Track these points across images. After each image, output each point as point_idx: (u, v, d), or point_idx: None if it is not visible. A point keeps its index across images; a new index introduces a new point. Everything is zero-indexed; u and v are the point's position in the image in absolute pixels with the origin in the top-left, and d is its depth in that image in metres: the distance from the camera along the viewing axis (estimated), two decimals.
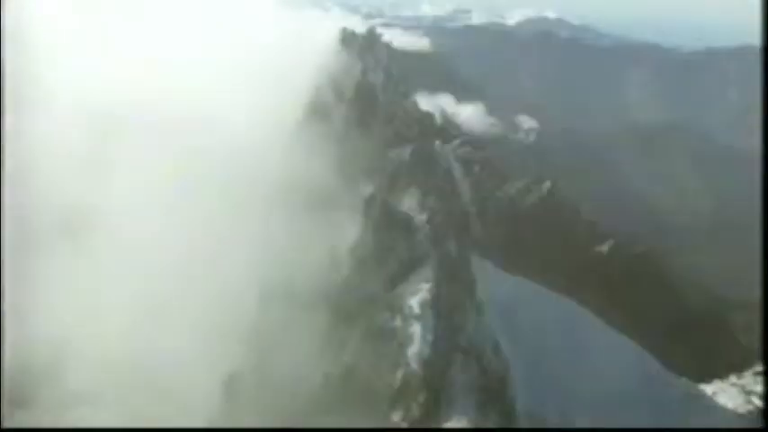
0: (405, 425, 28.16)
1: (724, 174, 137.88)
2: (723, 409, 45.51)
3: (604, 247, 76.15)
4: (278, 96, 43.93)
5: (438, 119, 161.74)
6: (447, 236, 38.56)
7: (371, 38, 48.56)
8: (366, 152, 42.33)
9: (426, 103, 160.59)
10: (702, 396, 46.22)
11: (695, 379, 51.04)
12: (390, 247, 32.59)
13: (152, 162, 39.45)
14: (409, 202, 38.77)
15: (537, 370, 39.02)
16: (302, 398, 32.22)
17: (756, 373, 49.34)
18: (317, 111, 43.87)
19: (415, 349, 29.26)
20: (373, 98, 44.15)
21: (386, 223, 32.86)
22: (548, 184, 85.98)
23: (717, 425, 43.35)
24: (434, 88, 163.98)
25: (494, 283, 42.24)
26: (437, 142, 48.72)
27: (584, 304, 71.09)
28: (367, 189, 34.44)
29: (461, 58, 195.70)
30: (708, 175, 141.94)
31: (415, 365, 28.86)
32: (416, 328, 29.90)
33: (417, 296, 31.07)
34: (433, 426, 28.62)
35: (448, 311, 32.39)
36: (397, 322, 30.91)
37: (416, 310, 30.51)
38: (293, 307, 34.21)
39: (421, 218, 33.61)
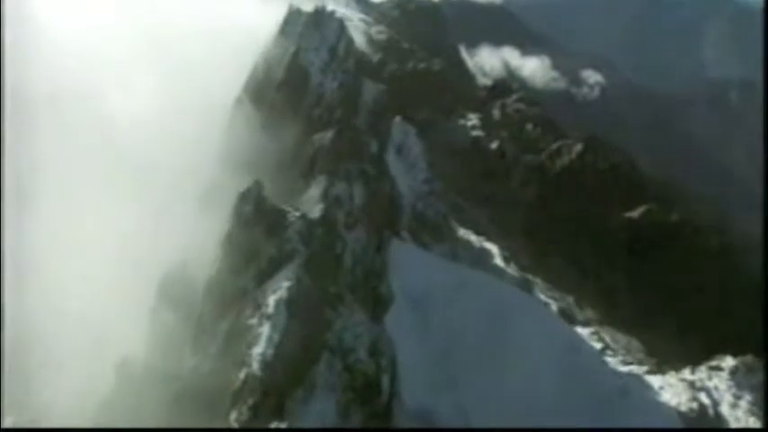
0: (236, 425, 28.55)
1: None
2: (664, 407, 43.70)
3: (635, 213, 73.54)
4: (210, 81, 44.06)
5: (502, 72, 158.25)
6: (352, 227, 38.31)
7: (318, 15, 47.71)
8: (289, 138, 42.20)
9: (490, 56, 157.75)
10: (644, 391, 44.49)
11: (659, 370, 49.21)
12: (259, 243, 32.56)
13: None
14: (313, 192, 38.59)
15: (445, 368, 38.46)
16: (173, 389, 33.12)
17: (711, 368, 47.08)
18: (249, 96, 43.82)
19: (259, 350, 29.36)
20: (304, 81, 43.61)
21: (256, 218, 32.78)
22: (579, 146, 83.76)
23: (648, 424, 41.75)
24: (500, 41, 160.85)
25: (419, 274, 41.64)
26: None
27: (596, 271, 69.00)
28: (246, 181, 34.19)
29: (530, 10, 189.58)
30: None
31: (255, 366, 28.97)
32: (265, 328, 29.95)
33: (275, 295, 31.06)
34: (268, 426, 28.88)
35: (312, 310, 32.26)
36: (254, 321, 31.07)
37: (270, 309, 30.53)
38: (171, 299, 35.06)
39: (294, 213, 33.25)
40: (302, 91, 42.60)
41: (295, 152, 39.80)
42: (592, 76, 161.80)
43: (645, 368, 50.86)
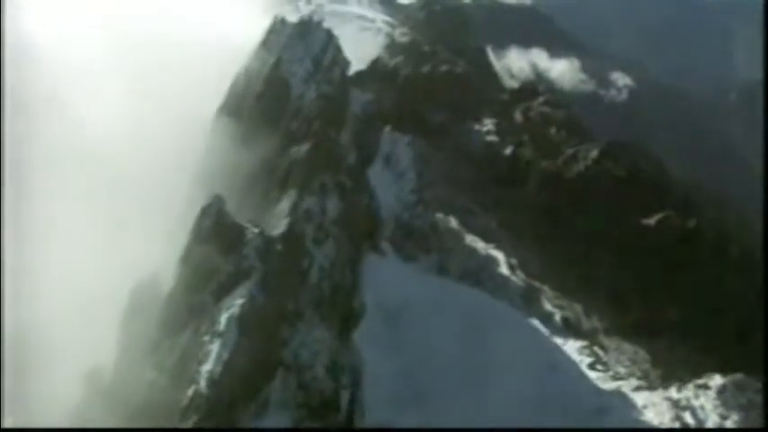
0: None
1: None
2: (646, 426, 42.91)
3: (652, 221, 72.27)
4: (193, 95, 44.38)
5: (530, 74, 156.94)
6: (322, 241, 38.34)
7: (304, 26, 47.79)
8: (267, 151, 42.33)
9: (518, 57, 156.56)
10: (625, 410, 43.72)
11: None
12: (217, 259, 32.76)
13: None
14: (283, 206, 38.69)
15: (413, 384, 38.30)
16: (135, 402, 33.53)
17: (698, 386, 46.05)
18: (229, 109, 44.06)
19: (207, 367, 29.57)
20: (283, 92, 43.73)
21: (215, 234, 32.99)
22: (594, 152, 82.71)
23: None
24: (529, 43, 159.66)
25: (395, 288, 41.54)
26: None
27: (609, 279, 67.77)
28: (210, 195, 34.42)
29: (561, 11, 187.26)
30: None
31: (203, 384, 29.20)
32: (215, 346, 30.15)
33: (228, 312, 31.23)
34: None
35: (267, 327, 32.38)
36: (207, 337, 31.30)
37: (221, 326, 30.73)
38: (140, 311, 35.47)
39: (252, 229, 33.39)
40: (282, 103, 42.68)
41: (272, 165, 39.81)
42: (621, 79, 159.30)
43: (635, 384, 50.01)
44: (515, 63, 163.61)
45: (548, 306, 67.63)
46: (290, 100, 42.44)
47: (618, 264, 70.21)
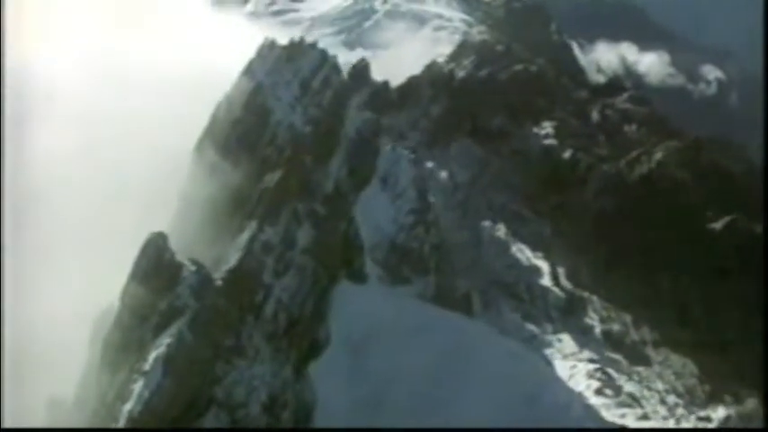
0: None
1: None
2: None
3: (718, 224, 69.46)
4: (180, 124, 45.02)
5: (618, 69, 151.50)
6: (283, 273, 38.32)
7: (294, 48, 47.72)
8: (242, 181, 42.49)
9: (606, 51, 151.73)
10: None
11: None
12: (153, 297, 33.29)
13: None
14: (242, 239, 38.85)
15: (374, 417, 37.80)
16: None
17: (700, 418, 43.51)
18: (210, 139, 44.49)
19: (128, 406, 30.13)
20: (262, 119, 43.85)
21: (153, 272, 33.50)
22: (659, 155, 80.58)
23: None
24: (618, 36, 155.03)
25: (366, 316, 41.08)
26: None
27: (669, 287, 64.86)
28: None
29: (655, 3, 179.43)
30: None
31: (122, 422, 29.78)
32: (138, 385, 30.67)
33: (155, 351, 31.69)
34: None
35: (198, 365, 32.62)
36: (135, 376, 31.89)
37: (147, 366, 31.21)
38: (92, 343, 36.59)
39: (190, 267, 33.69)
40: (259, 130, 42.72)
41: (245, 195, 40.02)
42: (711, 72, 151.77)
43: (641, 413, 47.95)
44: (603, 57, 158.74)
45: (590, 318, 65.55)
46: (268, 126, 42.26)
47: (679, 270, 67.17)
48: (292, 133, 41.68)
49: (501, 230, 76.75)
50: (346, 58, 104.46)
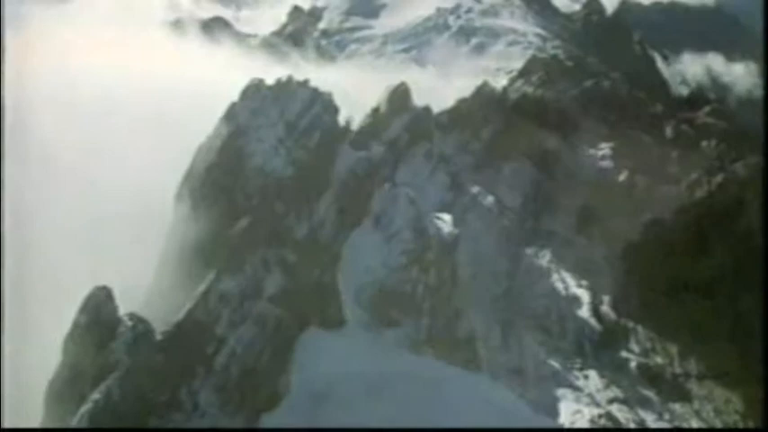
0: None
1: None
2: None
3: None
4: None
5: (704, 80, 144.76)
6: (238, 324, 38.35)
7: (282, 87, 47.63)
8: (214, 229, 42.65)
9: (692, 62, 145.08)
10: None
11: None
12: (89, 353, 33.95)
13: None
14: (198, 290, 39.05)
15: None
16: None
17: None
18: (190, 183, 45.02)
19: None
20: (238, 164, 43.98)
21: (92, 327, 34.17)
22: (719, 177, 77.60)
23: None
24: (705, 46, 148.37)
25: (330, 366, 40.54)
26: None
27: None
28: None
29: (747, 10, 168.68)
30: None
31: None
32: None
33: (84, 407, 32.33)
34: None
35: (128, 420, 32.99)
36: None
37: (74, 422, 31.89)
38: None
39: (127, 322, 34.13)
40: (234, 175, 42.87)
41: (214, 244, 40.29)
42: None
43: None
44: (689, 68, 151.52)
45: (627, 351, 62.88)
46: (242, 171, 42.34)
47: (737, 298, 64.12)
48: (265, 179, 41.14)
49: (545, 257, 74.38)
50: (416, 77, 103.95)
